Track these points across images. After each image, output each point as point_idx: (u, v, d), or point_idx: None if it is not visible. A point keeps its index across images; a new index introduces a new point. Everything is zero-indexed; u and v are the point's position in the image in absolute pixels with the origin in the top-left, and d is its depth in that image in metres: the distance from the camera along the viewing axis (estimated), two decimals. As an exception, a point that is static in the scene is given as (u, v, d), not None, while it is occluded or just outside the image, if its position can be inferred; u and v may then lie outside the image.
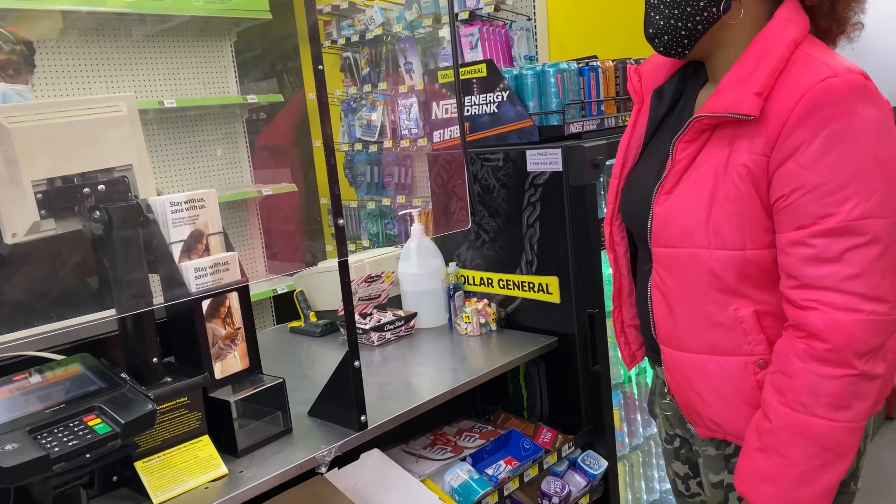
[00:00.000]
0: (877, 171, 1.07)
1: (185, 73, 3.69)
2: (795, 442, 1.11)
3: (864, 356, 1.08)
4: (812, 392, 1.09)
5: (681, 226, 1.21)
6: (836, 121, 1.07)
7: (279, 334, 2.32)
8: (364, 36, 4.01)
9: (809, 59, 1.14)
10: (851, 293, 1.07)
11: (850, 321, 1.07)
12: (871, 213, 1.06)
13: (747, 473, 1.18)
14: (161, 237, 1.39)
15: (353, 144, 4.24)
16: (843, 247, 1.07)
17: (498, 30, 3.34)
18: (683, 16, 1.21)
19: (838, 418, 1.09)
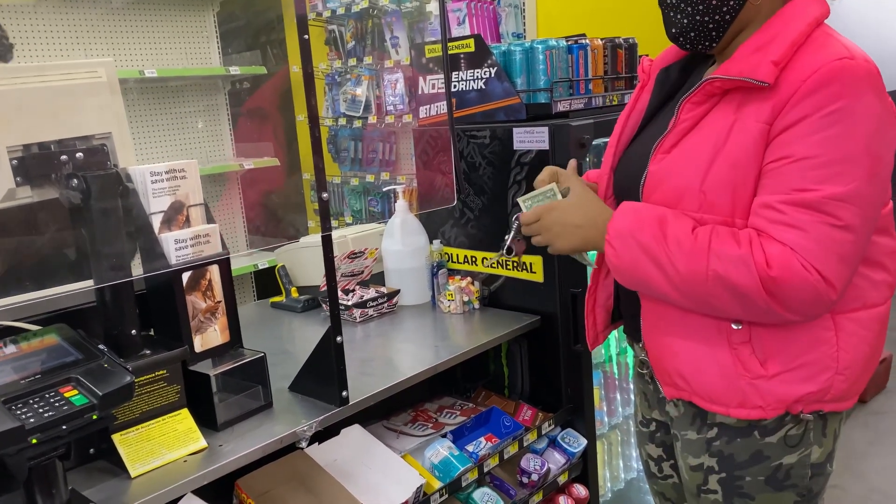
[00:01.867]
0: (864, 161, 1.08)
1: (167, 42, 3.62)
2: (680, 246, 1.14)
3: (783, 303, 1.10)
4: (730, 260, 1.10)
5: (673, 186, 1.21)
6: (841, 99, 1.07)
7: (260, 309, 2.30)
8: (350, 9, 3.95)
9: (829, 38, 1.14)
10: (804, 257, 1.08)
11: (797, 272, 1.08)
12: (847, 198, 1.07)
13: (625, 211, 1.22)
14: (141, 207, 1.36)
15: (338, 119, 4.20)
16: (810, 219, 1.08)
17: (486, 6, 3.30)
18: (710, 10, 1.20)
19: (714, 288, 1.12)
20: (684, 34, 1.24)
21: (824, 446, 1.27)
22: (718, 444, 1.29)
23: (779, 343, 1.19)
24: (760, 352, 1.20)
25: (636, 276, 1.21)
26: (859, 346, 1.20)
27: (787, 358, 1.19)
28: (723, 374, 1.22)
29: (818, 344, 1.19)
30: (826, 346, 1.19)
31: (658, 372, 1.34)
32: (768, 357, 1.20)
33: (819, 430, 1.25)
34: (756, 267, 1.09)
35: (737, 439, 1.27)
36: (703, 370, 1.24)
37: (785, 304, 1.10)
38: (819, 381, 1.19)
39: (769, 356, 1.20)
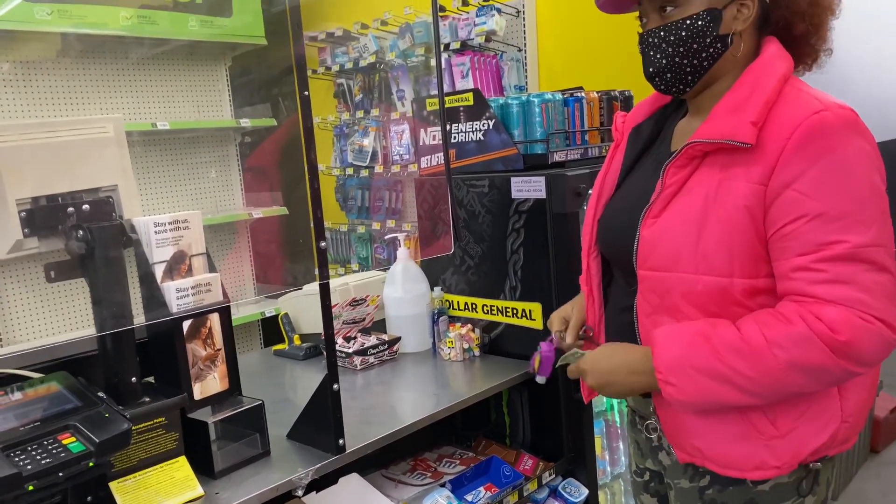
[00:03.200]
0: (873, 200, 1.11)
1: (180, 95, 3.72)
2: (739, 354, 1.11)
3: (857, 362, 1.09)
4: (794, 343, 1.09)
5: (669, 249, 1.21)
6: (832, 151, 1.10)
7: (263, 357, 2.32)
8: (358, 63, 4.06)
9: (800, 93, 1.17)
10: (862, 311, 1.08)
11: (863, 327, 1.07)
12: (874, 241, 1.09)
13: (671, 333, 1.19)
14: (144, 257, 1.40)
15: (345, 169, 4.27)
16: (853, 270, 1.08)
17: (489, 60, 3.39)
18: (689, 53, 1.23)
19: (789, 376, 1.10)
20: (661, 75, 1.27)
21: (818, 494, 1.26)
22: (711, 492, 1.28)
23: (786, 401, 1.19)
24: (770, 412, 1.20)
25: (707, 400, 1.17)
26: (860, 392, 1.22)
27: (796, 414, 1.19)
28: (737, 439, 1.22)
29: (823, 396, 1.19)
30: (830, 397, 1.20)
31: (671, 437, 1.32)
32: (777, 416, 1.20)
33: (812, 478, 1.25)
34: (822, 339, 1.08)
35: (729, 487, 1.26)
36: (718, 438, 1.23)
37: (860, 361, 1.09)
38: (828, 432, 1.20)
39: (778, 415, 1.20)
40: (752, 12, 1.22)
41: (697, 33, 1.21)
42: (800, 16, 1.23)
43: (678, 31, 1.22)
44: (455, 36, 3.46)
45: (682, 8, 1.22)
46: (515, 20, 3.46)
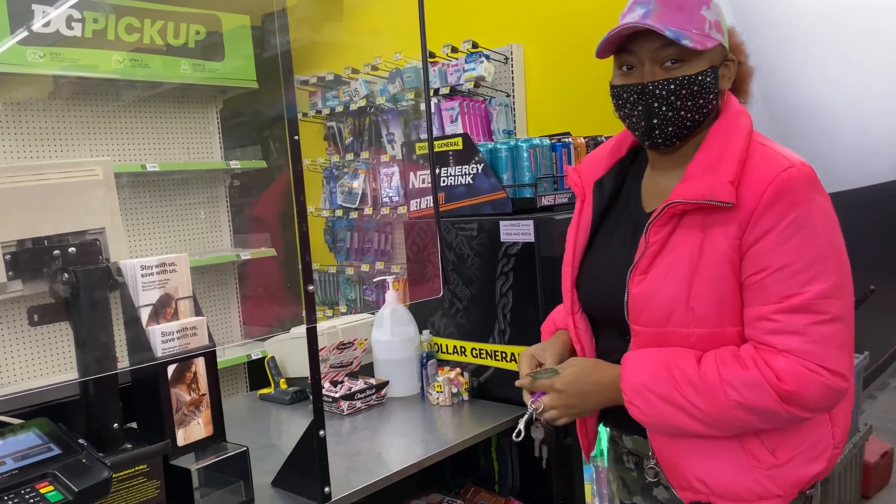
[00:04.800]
0: (833, 256, 1.17)
1: (170, 137, 3.74)
2: (695, 387, 1.19)
3: (804, 408, 1.16)
4: (745, 386, 1.16)
5: (660, 306, 1.25)
6: (797, 207, 1.17)
7: (249, 401, 2.29)
8: (348, 107, 4.10)
9: (765, 150, 1.24)
10: (809, 361, 1.15)
11: (809, 377, 1.15)
12: (830, 294, 1.15)
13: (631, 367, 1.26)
14: (130, 300, 1.39)
15: (334, 210, 4.28)
16: (805, 322, 1.15)
17: (478, 105, 3.43)
18: (695, 108, 1.25)
19: (737, 414, 1.17)
20: (663, 127, 1.26)
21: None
22: None
23: (784, 430, 1.23)
24: (769, 442, 1.24)
25: (664, 423, 1.25)
26: (846, 418, 1.30)
27: (795, 443, 1.24)
28: (739, 470, 1.25)
29: (818, 424, 1.25)
30: (824, 425, 1.26)
31: (672, 477, 1.33)
32: (776, 446, 1.24)
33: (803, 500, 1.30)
34: (770, 385, 1.15)
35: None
36: (721, 470, 1.26)
37: (806, 408, 1.16)
38: (825, 458, 1.26)
39: (777, 445, 1.24)
40: (732, 73, 1.31)
41: (705, 89, 1.25)
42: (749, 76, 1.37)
43: (690, 87, 1.24)
44: (444, 81, 3.51)
45: (689, 64, 1.24)
46: (503, 66, 3.52)
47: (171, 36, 3.54)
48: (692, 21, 1.23)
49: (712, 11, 1.26)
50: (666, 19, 1.22)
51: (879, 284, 4.48)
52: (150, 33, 3.45)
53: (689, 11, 1.24)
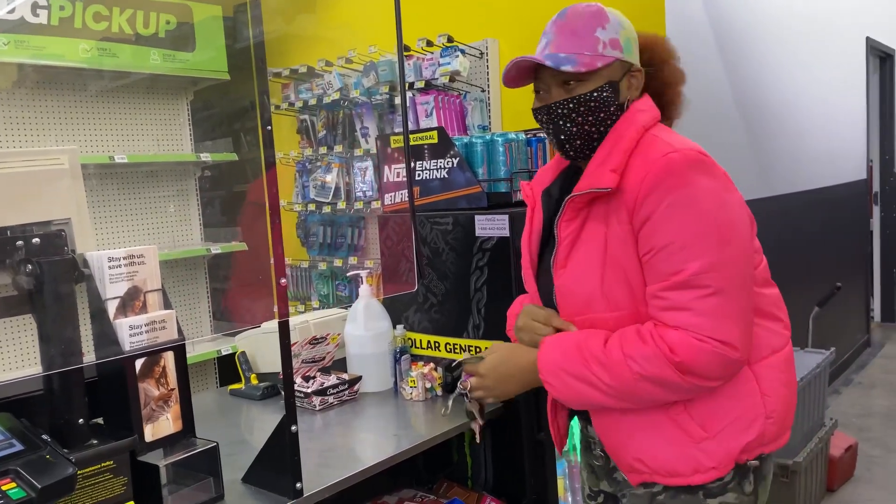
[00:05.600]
0: (714, 232, 1.24)
1: (140, 128, 3.67)
2: (601, 364, 1.29)
3: (701, 377, 1.24)
4: (644, 359, 1.25)
5: (579, 296, 1.37)
6: (676, 190, 1.25)
7: (219, 397, 2.25)
8: (321, 100, 4.06)
9: (655, 139, 1.33)
10: (698, 332, 1.23)
11: (699, 348, 1.23)
12: (710, 268, 1.23)
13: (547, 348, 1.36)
14: (96, 293, 1.35)
15: (307, 205, 4.24)
16: (690, 297, 1.23)
17: (453, 99, 3.42)
18: (597, 122, 1.37)
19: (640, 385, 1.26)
20: (571, 141, 1.39)
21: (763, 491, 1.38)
22: (662, 497, 1.36)
23: (711, 403, 1.30)
24: (697, 416, 1.31)
25: (579, 400, 1.36)
26: (779, 389, 1.34)
27: (722, 414, 1.30)
28: (672, 446, 1.33)
29: (745, 395, 1.31)
30: (752, 395, 1.31)
31: (617, 460, 1.41)
32: (705, 419, 1.31)
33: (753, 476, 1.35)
34: (665, 357, 1.23)
35: (680, 495, 1.34)
36: (656, 448, 1.34)
37: (702, 376, 1.24)
38: (756, 429, 1.31)
39: (706, 418, 1.31)
40: (640, 82, 1.41)
41: (603, 104, 1.36)
42: (668, 85, 1.45)
43: (587, 103, 1.36)
44: (419, 75, 3.49)
45: (585, 83, 1.36)
46: (479, 61, 3.51)
47: (141, 25, 3.47)
48: (584, 44, 1.35)
49: (609, 31, 1.36)
50: (560, 46, 1.36)
51: (845, 282, 4.57)
52: (118, 22, 3.37)
53: (582, 35, 1.35)
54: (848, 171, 5.42)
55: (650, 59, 1.44)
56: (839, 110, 5.24)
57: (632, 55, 1.40)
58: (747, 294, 1.28)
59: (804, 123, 4.56)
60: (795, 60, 4.44)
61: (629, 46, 1.39)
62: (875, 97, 6.31)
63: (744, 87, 3.79)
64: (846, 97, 5.37)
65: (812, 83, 4.69)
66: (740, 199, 1.32)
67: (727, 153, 3.58)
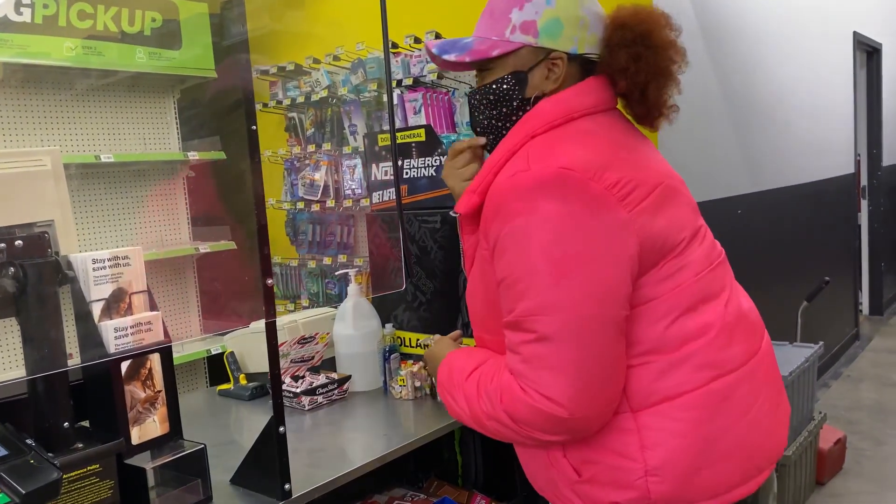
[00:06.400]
0: (547, 270, 1.07)
1: (126, 127, 3.64)
2: (463, 392, 1.22)
3: (530, 427, 1.11)
4: (489, 399, 1.15)
5: (470, 311, 1.32)
6: (514, 217, 1.10)
7: (208, 397, 2.24)
8: (309, 97, 4.04)
9: (524, 152, 1.16)
10: (521, 381, 1.10)
11: (519, 398, 1.10)
12: (537, 311, 1.07)
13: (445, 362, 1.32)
14: (81, 295, 1.34)
15: (296, 203, 4.22)
16: (518, 339, 1.11)
17: (441, 96, 3.41)
18: (501, 116, 1.25)
19: (487, 422, 1.17)
20: (484, 134, 1.30)
21: None
22: None
23: (588, 449, 1.15)
24: (573, 458, 1.17)
25: (453, 414, 1.29)
26: (672, 441, 1.11)
27: (596, 463, 1.15)
28: (548, 480, 1.23)
29: (621, 445, 1.13)
30: (629, 446, 1.12)
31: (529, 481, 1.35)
32: (580, 463, 1.17)
33: None
34: (497, 402, 1.13)
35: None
36: (539, 477, 1.27)
37: (533, 428, 1.11)
38: (634, 486, 1.12)
39: (581, 462, 1.17)
40: (562, 71, 1.21)
41: (503, 97, 1.23)
42: (620, 72, 1.20)
43: (487, 95, 1.24)
44: (408, 72, 3.48)
45: (490, 72, 1.24)
46: (467, 58, 3.50)
47: (126, 23, 3.44)
48: (494, 27, 1.23)
49: (526, 11, 1.20)
50: (477, 28, 1.25)
51: (834, 275, 4.59)
52: (103, 20, 3.34)
53: (497, 17, 1.22)
54: (836, 166, 5.45)
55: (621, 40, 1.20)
56: (826, 104, 5.26)
57: (556, 40, 1.19)
58: (592, 341, 1.07)
59: (792, 118, 4.57)
60: (782, 55, 4.46)
61: (553, 29, 1.19)
62: (862, 91, 6.34)
63: (731, 81, 3.80)
64: (833, 91, 5.39)
65: (799, 77, 4.71)
66: (622, 219, 1.08)
67: (714, 148, 3.59)
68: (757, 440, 1.17)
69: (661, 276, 1.13)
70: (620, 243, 1.08)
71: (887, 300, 6.76)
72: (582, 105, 1.20)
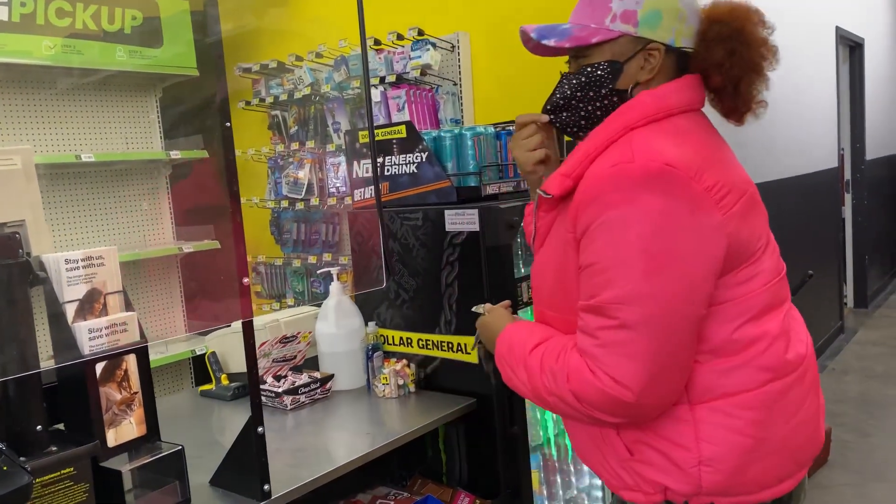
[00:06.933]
0: (641, 262, 1.09)
1: (108, 127, 3.60)
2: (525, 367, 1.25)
3: (594, 408, 1.15)
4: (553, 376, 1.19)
5: (536, 285, 1.35)
6: (614, 207, 1.11)
7: (190, 398, 2.22)
8: (293, 95, 4.02)
9: (627, 142, 1.17)
10: (593, 364, 1.13)
11: (588, 381, 1.13)
12: (624, 300, 1.10)
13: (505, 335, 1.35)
14: (54, 296, 1.32)
15: (280, 201, 4.20)
16: (597, 324, 1.13)
17: (425, 93, 3.40)
18: (586, 99, 1.26)
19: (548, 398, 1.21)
20: (556, 112, 1.31)
21: None
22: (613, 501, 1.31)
23: (641, 432, 1.19)
24: (627, 438, 1.21)
25: (514, 389, 1.32)
26: (727, 436, 1.16)
27: (650, 446, 1.19)
28: (596, 453, 1.27)
29: (677, 434, 1.17)
30: (685, 436, 1.17)
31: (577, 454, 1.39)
32: (633, 443, 1.21)
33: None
34: (563, 381, 1.16)
35: None
36: (586, 449, 1.31)
37: (595, 408, 1.14)
38: (687, 474, 1.16)
39: (633, 442, 1.21)
40: (658, 62, 1.22)
41: (595, 82, 1.24)
42: (716, 67, 1.22)
43: (578, 77, 1.26)
44: (391, 69, 3.47)
45: (585, 59, 1.26)
46: (450, 55, 3.49)
47: (106, 21, 3.40)
48: (594, 15, 1.23)
49: (627, 1, 1.21)
50: (574, 15, 1.26)
51: (818, 269, 4.61)
52: (82, 18, 3.30)
53: (597, 5, 1.24)
54: (819, 160, 5.48)
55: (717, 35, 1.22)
56: (810, 99, 5.28)
57: (655, 30, 1.21)
58: (672, 334, 1.11)
59: (776, 113, 4.58)
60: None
61: (652, 20, 1.20)
62: (845, 86, 6.38)
63: (715, 77, 3.80)
64: (817, 86, 5.42)
65: (783, 72, 4.71)
66: (717, 222, 1.12)
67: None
68: (802, 439, 1.23)
69: (737, 281, 1.17)
70: (713, 244, 1.13)
71: (872, 293, 6.80)
72: (680, 102, 1.22)
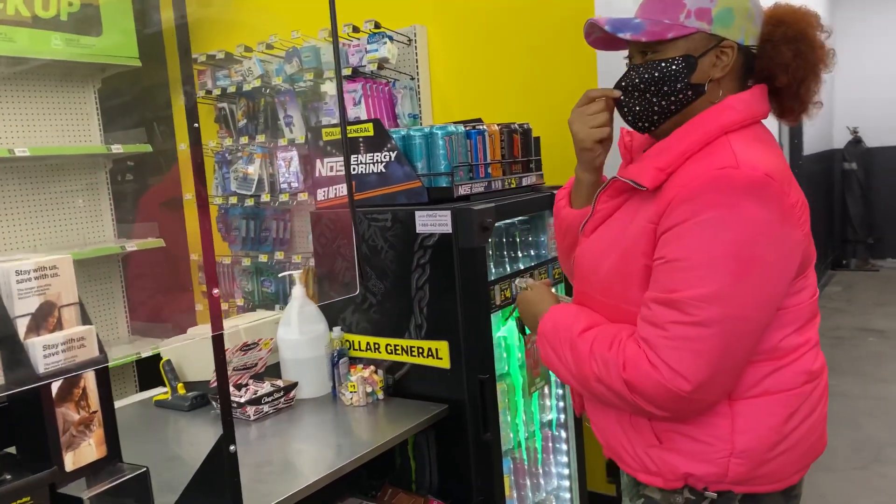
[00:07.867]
0: (731, 266, 1.12)
1: (43, 119, 3.41)
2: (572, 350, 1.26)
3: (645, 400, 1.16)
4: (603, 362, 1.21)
5: (585, 268, 1.34)
6: (714, 208, 1.13)
7: (143, 409, 2.11)
8: (241, 87, 3.87)
9: (727, 147, 1.19)
10: (656, 356, 1.14)
11: (647, 372, 1.15)
12: (705, 298, 1.12)
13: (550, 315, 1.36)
14: (3, 311, 1.21)
15: (228, 198, 4.05)
16: (671, 318, 1.14)
17: (381, 87, 3.32)
18: (659, 93, 1.26)
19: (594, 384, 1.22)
20: (630, 106, 1.30)
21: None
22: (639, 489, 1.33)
23: (675, 421, 1.23)
24: (658, 426, 1.25)
25: (553, 371, 1.33)
26: (760, 431, 1.21)
27: (681, 435, 1.23)
28: (622, 438, 1.30)
29: (712, 426, 1.21)
30: (720, 428, 1.21)
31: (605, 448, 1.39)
32: (664, 431, 1.24)
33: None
34: (617, 369, 1.18)
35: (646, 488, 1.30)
36: (610, 436, 1.33)
37: (647, 400, 1.16)
38: (715, 463, 1.21)
39: (664, 430, 1.24)
40: (731, 59, 1.25)
41: (670, 77, 1.25)
42: (782, 67, 1.26)
43: (652, 71, 1.25)
44: (346, 62, 3.37)
45: (658, 54, 1.26)
46: (407, 48, 3.41)
47: (40, 7, 3.20)
48: (667, 11, 1.24)
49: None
50: (644, 10, 1.27)
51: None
52: (14, 3, 3.10)
53: (671, 1, 1.24)
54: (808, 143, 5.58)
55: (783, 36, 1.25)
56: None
57: (728, 28, 1.23)
58: (741, 338, 1.15)
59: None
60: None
61: (726, 18, 1.23)
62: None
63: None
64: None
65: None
66: (799, 238, 1.18)
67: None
68: (815, 438, 1.29)
69: (792, 292, 1.22)
70: (793, 258, 1.19)
71: (808, 285, 7.04)
72: (760, 110, 1.27)
